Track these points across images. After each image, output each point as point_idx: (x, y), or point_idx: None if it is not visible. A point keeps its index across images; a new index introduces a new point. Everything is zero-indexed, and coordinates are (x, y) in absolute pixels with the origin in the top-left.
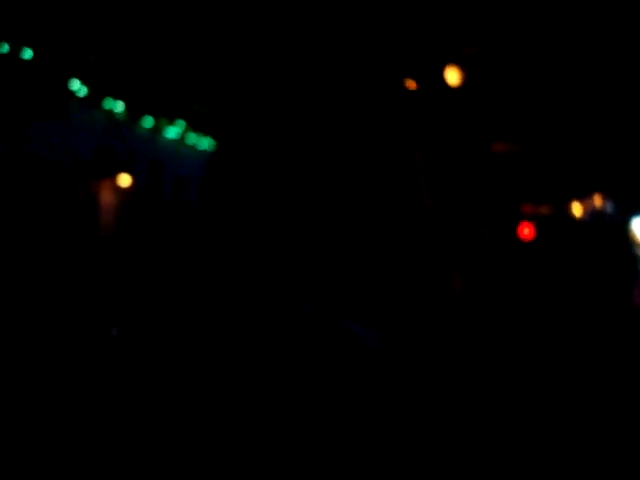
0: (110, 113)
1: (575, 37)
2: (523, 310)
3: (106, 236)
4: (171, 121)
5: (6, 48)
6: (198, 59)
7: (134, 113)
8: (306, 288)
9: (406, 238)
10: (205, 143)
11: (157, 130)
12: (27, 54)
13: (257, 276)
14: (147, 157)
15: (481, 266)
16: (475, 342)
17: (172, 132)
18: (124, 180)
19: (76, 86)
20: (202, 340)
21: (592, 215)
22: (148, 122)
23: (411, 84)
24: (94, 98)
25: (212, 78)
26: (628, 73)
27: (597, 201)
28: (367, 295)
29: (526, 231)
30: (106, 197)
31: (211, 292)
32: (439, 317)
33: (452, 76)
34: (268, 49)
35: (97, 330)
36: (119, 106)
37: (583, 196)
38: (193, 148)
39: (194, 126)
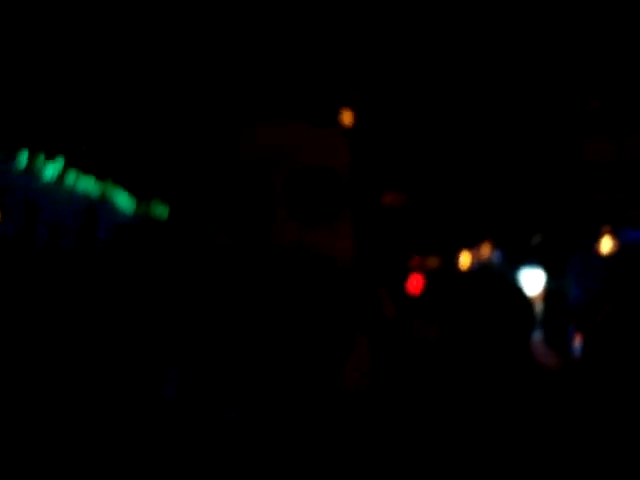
0: None
1: (458, 88)
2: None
3: None
4: (49, 157)
5: None
6: (81, 93)
7: (8, 149)
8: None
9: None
10: (85, 183)
11: (33, 168)
12: None
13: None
14: (21, 197)
15: (375, 322)
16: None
17: (50, 171)
18: None
19: None
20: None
21: (480, 265)
22: (23, 158)
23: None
24: None
25: (97, 114)
26: (513, 121)
27: (484, 250)
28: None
29: (414, 284)
30: None
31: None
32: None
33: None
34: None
35: None
36: None
37: (471, 246)
38: (72, 190)
39: (74, 165)
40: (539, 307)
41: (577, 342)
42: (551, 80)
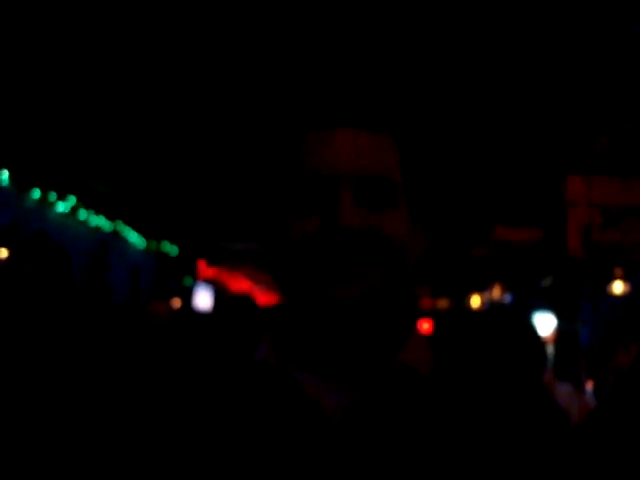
0: None
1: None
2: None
3: None
4: (61, 196)
5: None
6: (96, 132)
7: (20, 184)
8: None
9: None
10: (97, 220)
11: (45, 204)
12: None
13: None
14: (32, 231)
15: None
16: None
17: (61, 207)
18: (2, 254)
19: None
20: None
21: (490, 306)
22: (35, 195)
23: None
24: None
25: (110, 155)
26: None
27: (495, 292)
28: None
29: (425, 326)
30: None
31: None
32: None
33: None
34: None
35: None
36: (3, 175)
37: (482, 288)
38: (84, 224)
39: (86, 203)
40: (550, 349)
41: (589, 387)
42: (558, 121)
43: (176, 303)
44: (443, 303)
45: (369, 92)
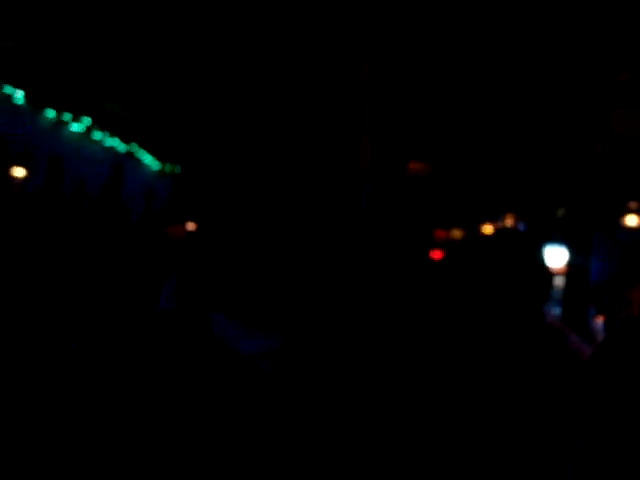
0: (8, 101)
1: (488, 60)
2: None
3: None
4: (76, 117)
5: None
6: (111, 54)
7: (35, 104)
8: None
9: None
10: (112, 141)
11: (60, 124)
12: None
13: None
14: (47, 151)
15: (397, 287)
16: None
17: (76, 127)
18: (18, 173)
19: None
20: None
21: (500, 230)
22: (50, 115)
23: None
24: None
25: (125, 75)
26: (539, 96)
27: (508, 222)
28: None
29: (437, 256)
30: None
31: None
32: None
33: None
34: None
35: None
36: (19, 95)
37: (494, 219)
38: (99, 144)
39: (100, 124)
40: (561, 282)
41: (599, 321)
42: (579, 53)
43: (191, 226)
44: (457, 233)
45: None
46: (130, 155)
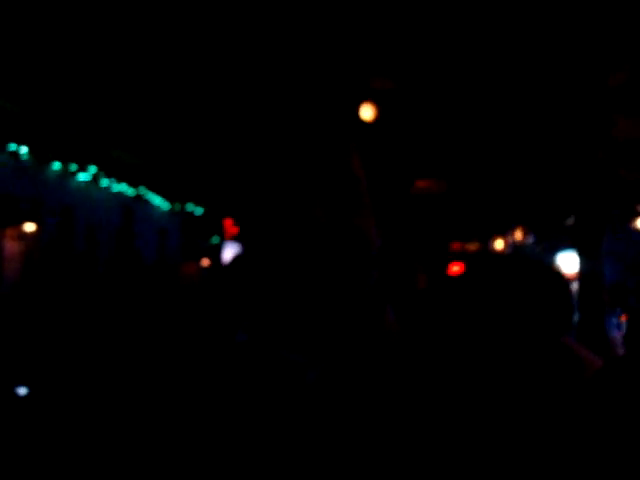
0: (14, 158)
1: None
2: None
3: (10, 289)
4: (82, 167)
5: None
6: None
7: (41, 158)
8: (244, 319)
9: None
10: (119, 187)
11: (66, 175)
12: None
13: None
14: (56, 203)
15: (415, 304)
16: (411, 374)
17: (83, 177)
18: (29, 228)
19: None
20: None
21: (513, 248)
22: (56, 167)
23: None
24: None
25: (128, 121)
26: (546, 108)
27: (518, 235)
28: (304, 327)
29: (456, 269)
30: (10, 247)
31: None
32: (373, 350)
33: (366, 112)
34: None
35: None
36: (23, 150)
37: (504, 232)
38: (106, 191)
39: (107, 171)
40: (574, 288)
41: (622, 321)
42: (577, 58)
43: (205, 262)
44: (472, 246)
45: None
46: (139, 198)
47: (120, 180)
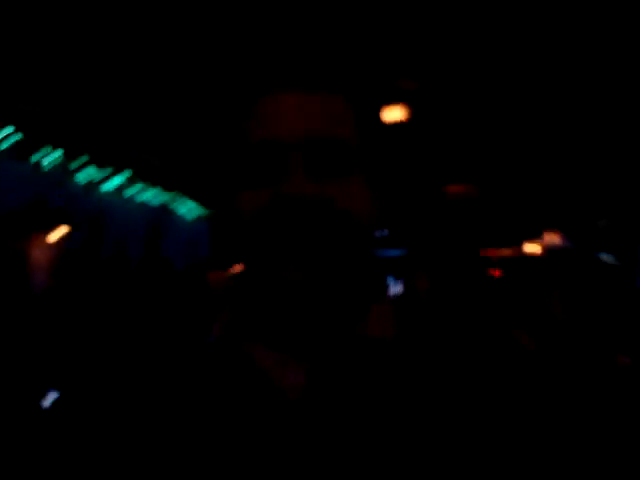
0: (43, 163)
1: (523, 72)
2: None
3: (39, 297)
4: (114, 172)
5: None
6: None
7: (72, 163)
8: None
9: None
10: (150, 193)
11: (97, 180)
12: None
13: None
14: (86, 209)
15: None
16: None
17: (114, 182)
18: (59, 234)
19: (7, 133)
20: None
21: (550, 252)
22: (88, 172)
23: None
24: (27, 146)
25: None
26: (576, 111)
27: (552, 239)
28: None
29: (496, 274)
30: (39, 254)
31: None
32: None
33: (392, 114)
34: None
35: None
36: (55, 155)
37: (535, 235)
38: (136, 197)
39: (139, 176)
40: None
41: None
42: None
43: (236, 269)
44: (506, 252)
45: (320, 49)
46: (169, 204)
47: (154, 184)
